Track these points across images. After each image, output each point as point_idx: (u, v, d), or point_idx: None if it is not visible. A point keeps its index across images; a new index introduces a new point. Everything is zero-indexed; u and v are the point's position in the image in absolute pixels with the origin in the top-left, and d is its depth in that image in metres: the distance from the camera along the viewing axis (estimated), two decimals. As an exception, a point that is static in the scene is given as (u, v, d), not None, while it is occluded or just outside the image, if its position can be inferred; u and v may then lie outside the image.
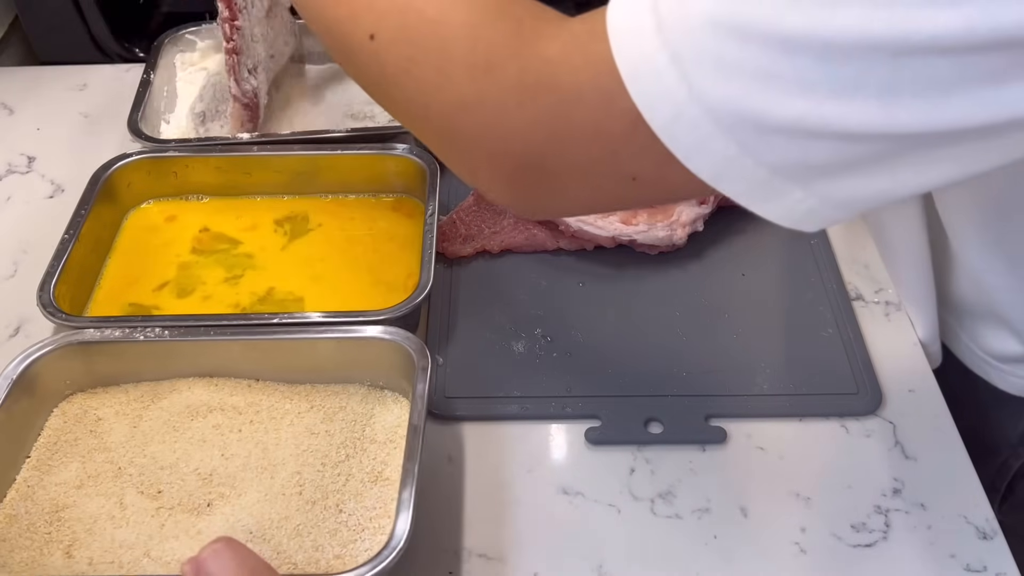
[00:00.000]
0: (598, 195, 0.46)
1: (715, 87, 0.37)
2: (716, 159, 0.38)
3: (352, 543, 0.56)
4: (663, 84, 0.37)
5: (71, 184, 0.85)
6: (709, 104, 0.37)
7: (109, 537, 0.56)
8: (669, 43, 0.37)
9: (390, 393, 0.64)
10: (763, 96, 0.36)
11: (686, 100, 0.37)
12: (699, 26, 0.36)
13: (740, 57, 0.36)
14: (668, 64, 0.37)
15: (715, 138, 0.37)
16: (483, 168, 0.47)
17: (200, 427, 0.62)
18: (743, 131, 0.37)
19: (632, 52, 0.38)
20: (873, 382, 0.67)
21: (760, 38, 0.35)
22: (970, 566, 0.57)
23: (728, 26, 0.36)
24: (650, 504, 0.61)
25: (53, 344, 0.62)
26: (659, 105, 0.38)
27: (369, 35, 0.47)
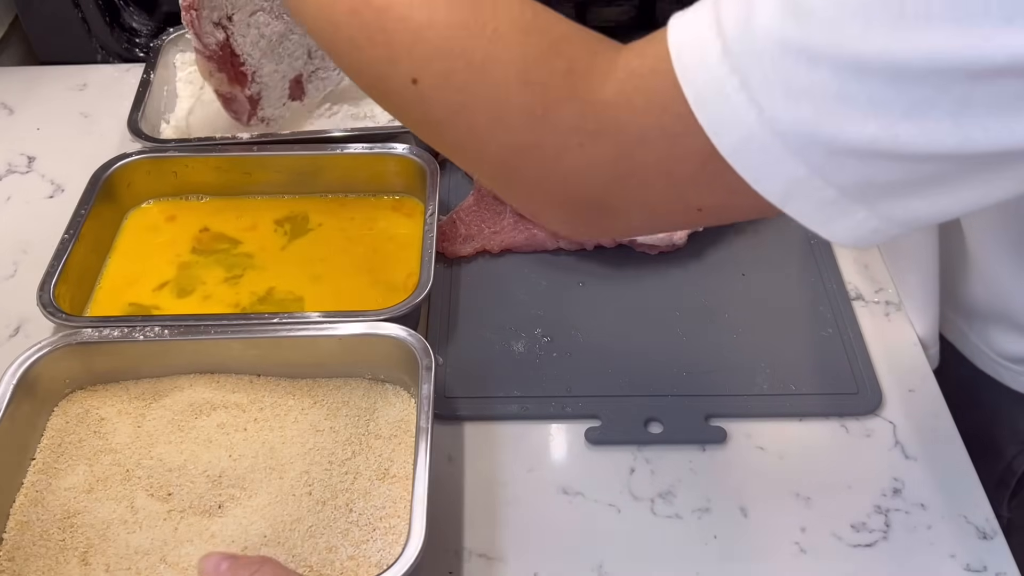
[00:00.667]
0: (661, 222, 0.47)
1: (785, 110, 0.37)
2: (785, 181, 0.38)
3: (364, 543, 0.56)
4: (732, 108, 0.38)
5: (71, 184, 0.85)
6: (779, 127, 0.37)
7: (123, 543, 0.56)
8: (737, 68, 0.37)
9: (391, 387, 0.64)
10: (834, 119, 0.36)
11: (756, 123, 0.37)
12: (768, 50, 0.36)
13: (810, 80, 0.36)
14: (737, 88, 0.37)
15: (785, 160, 0.37)
16: (545, 207, 0.46)
17: (205, 426, 0.62)
18: (813, 153, 0.37)
19: (699, 78, 0.39)
20: (873, 382, 0.67)
21: (831, 62, 0.35)
22: (970, 566, 0.57)
23: (798, 50, 0.36)
24: (650, 504, 0.61)
25: (53, 344, 0.62)
26: (729, 129, 0.38)
27: (411, 80, 0.45)
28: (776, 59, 0.36)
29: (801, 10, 0.36)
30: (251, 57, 0.78)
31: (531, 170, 0.44)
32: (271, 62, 0.80)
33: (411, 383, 0.63)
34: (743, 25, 0.37)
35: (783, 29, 0.36)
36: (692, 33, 0.39)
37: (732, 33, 0.37)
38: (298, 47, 0.81)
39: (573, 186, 0.44)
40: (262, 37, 0.78)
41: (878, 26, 0.34)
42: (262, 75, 0.80)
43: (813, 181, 0.38)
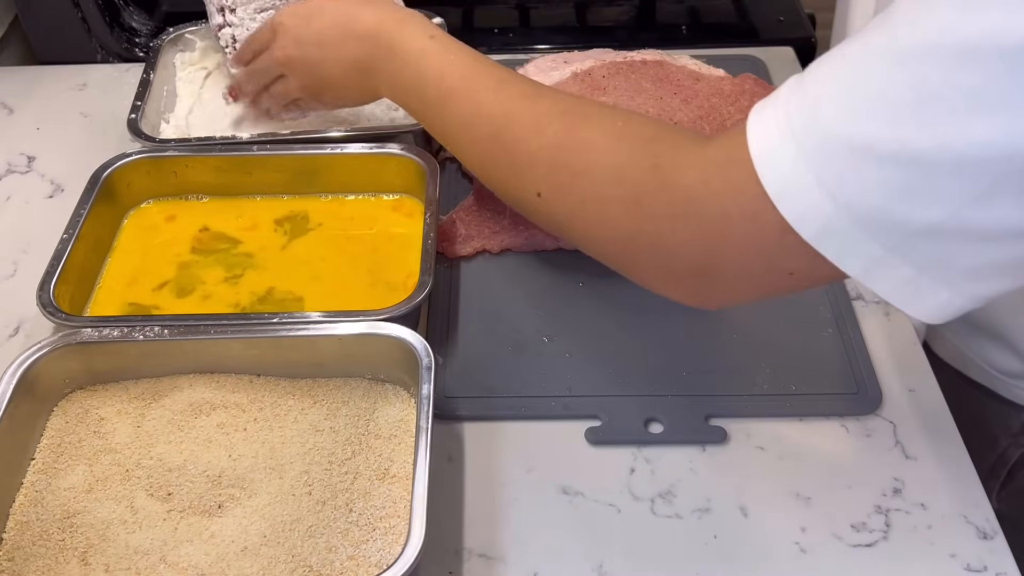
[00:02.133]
0: (762, 289, 0.52)
1: (858, 201, 0.41)
2: (865, 260, 0.43)
3: (364, 543, 0.56)
4: (810, 201, 0.42)
5: (71, 184, 0.85)
6: (854, 215, 0.42)
7: (123, 543, 0.56)
8: (812, 167, 0.42)
9: (391, 386, 0.64)
10: (903, 207, 0.40)
11: (833, 214, 0.42)
12: (837, 151, 0.41)
13: (878, 175, 0.40)
14: (814, 184, 0.42)
15: (862, 242, 0.42)
16: (660, 281, 0.53)
17: (204, 426, 0.62)
18: (888, 236, 0.42)
19: (778, 177, 0.44)
20: (873, 382, 0.67)
21: (893, 159, 0.40)
22: (970, 566, 0.57)
23: (863, 149, 0.40)
24: (650, 504, 0.61)
25: (53, 344, 0.62)
26: (808, 219, 0.43)
27: (536, 193, 0.57)
28: (846, 158, 0.41)
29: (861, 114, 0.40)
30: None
31: (641, 253, 0.52)
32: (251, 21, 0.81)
33: (411, 383, 0.63)
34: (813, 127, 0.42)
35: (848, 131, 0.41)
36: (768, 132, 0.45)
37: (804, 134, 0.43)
38: None
39: (676, 261, 0.51)
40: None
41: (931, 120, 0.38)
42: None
43: (892, 259, 0.42)
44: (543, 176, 0.56)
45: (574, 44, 1.01)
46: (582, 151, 0.54)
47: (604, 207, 0.53)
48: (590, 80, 0.81)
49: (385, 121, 0.86)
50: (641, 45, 0.88)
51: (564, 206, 0.56)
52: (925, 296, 0.43)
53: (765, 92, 0.83)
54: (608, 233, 0.54)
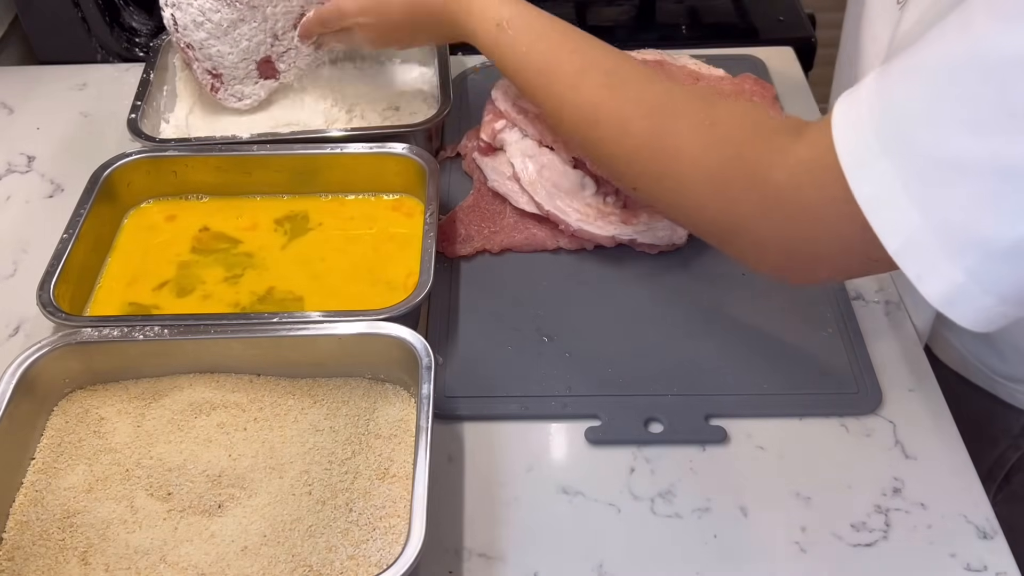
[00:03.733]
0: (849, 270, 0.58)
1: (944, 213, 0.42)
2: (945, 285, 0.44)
3: (364, 543, 0.56)
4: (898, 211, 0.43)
5: (71, 183, 0.85)
6: (940, 230, 0.42)
7: (123, 542, 0.56)
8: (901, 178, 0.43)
9: (391, 386, 0.64)
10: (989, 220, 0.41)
11: (920, 227, 0.43)
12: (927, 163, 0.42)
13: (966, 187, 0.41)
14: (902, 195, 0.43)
15: (943, 263, 0.43)
16: (752, 261, 0.56)
17: (204, 426, 0.62)
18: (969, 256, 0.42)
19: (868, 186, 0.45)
20: (873, 382, 0.67)
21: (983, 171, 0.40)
22: (970, 565, 0.57)
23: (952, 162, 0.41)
24: (650, 504, 0.61)
25: (53, 344, 0.62)
26: (895, 231, 0.44)
27: (633, 188, 0.62)
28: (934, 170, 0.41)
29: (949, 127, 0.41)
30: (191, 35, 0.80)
31: (735, 240, 0.55)
32: (224, 45, 0.81)
33: (411, 383, 0.63)
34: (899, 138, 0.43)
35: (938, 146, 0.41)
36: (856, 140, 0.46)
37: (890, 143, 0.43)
38: (258, 32, 0.83)
39: (768, 245, 0.53)
40: (206, 20, 0.80)
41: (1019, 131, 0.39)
42: (211, 54, 0.81)
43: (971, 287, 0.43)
44: (637, 175, 0.59)
45: (574, 44, 1.01)
46: (672, 160, 0.56)
47: (699, 205, 0.56)
48: (590, 80, 0.81)
49: (385, 121, 0.86)
50: (641, 45, 0.88)
51: (661, 201, 0.59)
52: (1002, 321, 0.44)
53: (765, 91, 0.83)
54: (704, 224, 0.57)
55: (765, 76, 0.92)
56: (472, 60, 0.98)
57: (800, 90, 0.94)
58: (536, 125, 0.77)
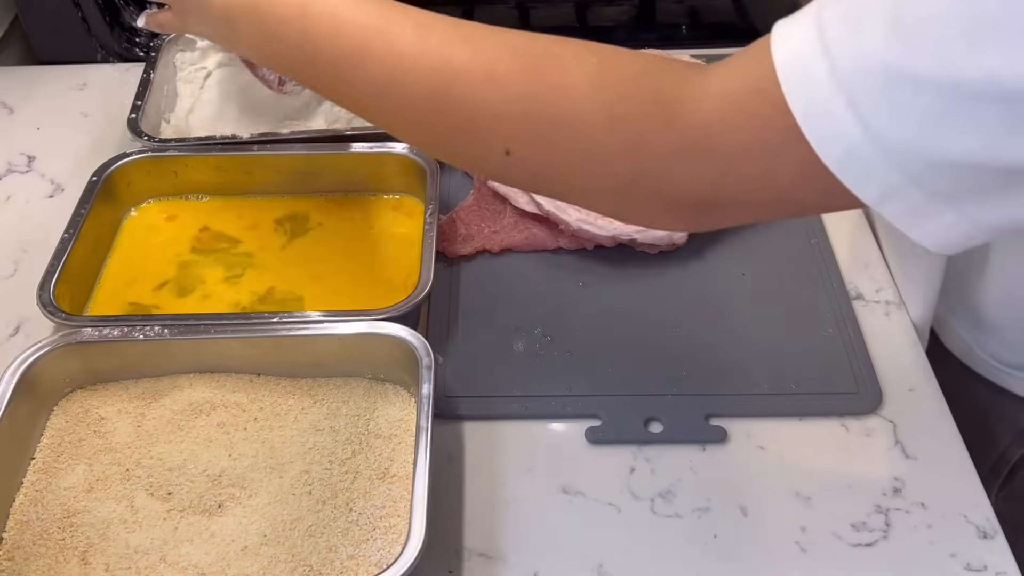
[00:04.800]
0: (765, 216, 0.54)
1: (890, 128, 0.39)
2: (883, 188, 0.41)
3: (364, 543, 0.56)
4: (838, 124, 0.40)
5: (71, 183, 0.85)
6: (883, 142, 0.40)
7: (123, 542, 0.56)
8: (844, 87, 0.39)
9: (391, 386, 0.64)
10: (936, 136, 0.38)
11: (861, 139, 0.40)
12: (874, 71, 0.39)
13: (916, 101, 0.38)
14: (844, 107, 0.40)
15: (884, 171, 0.40)
16: (659, 217, 0.50)
17: (205, 425, 0.62)
18: (913, 165, 0.40)
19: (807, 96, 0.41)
20: (873, 381, 0.67)
21: (936, 84, 0.37)
22: (970, 565, 0.57)
23: (904, 73, 0.38)
24: (650, 503, 0.61)
25: (53, 344, 0.62)
26: (834, 144, 0.41)
27: (504, 152, 0.49)
28: (883, 81, 0.39)
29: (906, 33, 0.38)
30: None
31: (640, 196, 0.48)
32: None
33: (411, 382, 0.63)
34: (850, 47, 0.39)
35: (890, 52, 0.38)
36: (797, 51, 0.41)
37: (839, 53, 0.40)
38: None
39: (682, 198, 0.47)
40: None
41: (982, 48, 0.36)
42: None
43: (909, 188, 0.40)
44: (512, 133, 0.49)
45: (574, 44, 1.01)
46: (560, 98, 0.47)
47: (595, 156, 0.47)
48: (590, 80, 0.81)
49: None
50: (641, 45, 0.88)
51: (541, 161, 0.49)
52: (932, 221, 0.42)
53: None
54: (600, 182, 0.48)
55: (765, 76, 0.92)
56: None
57: (800, 90, 0.93)
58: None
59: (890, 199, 0.41)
